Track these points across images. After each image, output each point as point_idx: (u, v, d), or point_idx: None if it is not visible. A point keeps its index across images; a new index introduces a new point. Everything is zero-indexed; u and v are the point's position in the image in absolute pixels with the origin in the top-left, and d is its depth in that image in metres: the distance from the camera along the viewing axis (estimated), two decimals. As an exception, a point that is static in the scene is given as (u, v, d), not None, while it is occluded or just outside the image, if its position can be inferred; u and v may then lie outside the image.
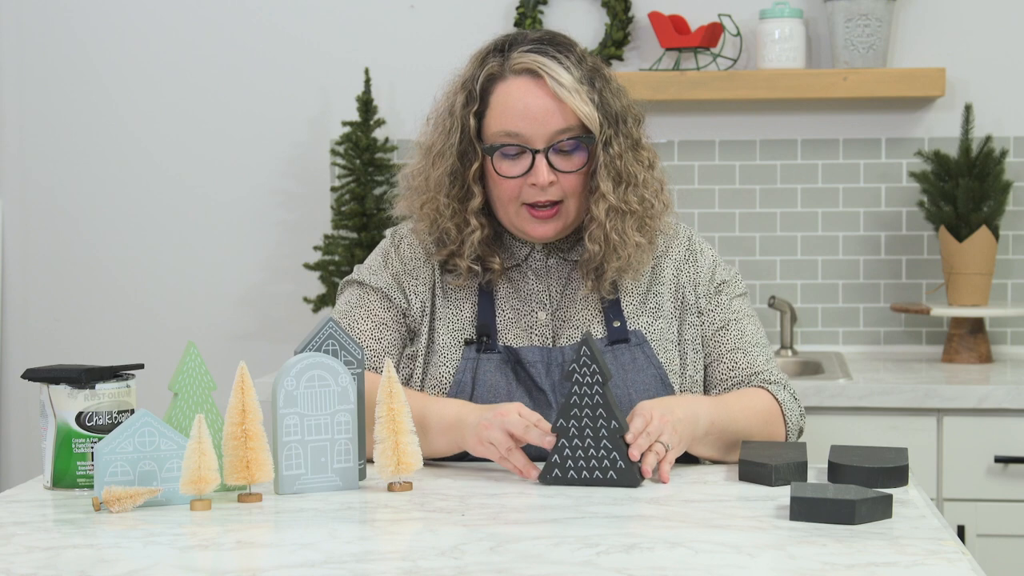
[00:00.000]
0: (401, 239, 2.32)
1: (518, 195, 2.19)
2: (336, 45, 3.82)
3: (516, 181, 2.18)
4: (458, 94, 2.22)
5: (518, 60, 2.18)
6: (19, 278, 3.93)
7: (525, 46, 2.20)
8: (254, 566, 1.58)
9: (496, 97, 2.19)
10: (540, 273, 2.27)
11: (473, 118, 2.20)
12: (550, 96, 2.16)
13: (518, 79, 2.18)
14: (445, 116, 2.24)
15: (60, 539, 1.70)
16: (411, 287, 2.27)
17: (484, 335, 2.22)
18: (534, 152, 2.16)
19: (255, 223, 3.87)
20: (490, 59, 2.21)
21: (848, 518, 1.72)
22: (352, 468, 1.95)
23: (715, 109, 3.70)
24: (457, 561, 1.56)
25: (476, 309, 2.25)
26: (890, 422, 3.12)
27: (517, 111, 2.16)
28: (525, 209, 2.20)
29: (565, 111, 2.16)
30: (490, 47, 2.24)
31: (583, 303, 2.25)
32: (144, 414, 1.85)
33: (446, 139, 2.22)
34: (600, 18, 3.75)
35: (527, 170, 2.17)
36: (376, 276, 2.28)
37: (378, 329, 2.24)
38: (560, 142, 2.17)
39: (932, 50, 3.67)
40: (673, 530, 1.71)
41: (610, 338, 2.22)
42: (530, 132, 2.16)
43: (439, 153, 2.22)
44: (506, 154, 2.18)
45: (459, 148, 2.20)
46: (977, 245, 3.48)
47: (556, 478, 1.96)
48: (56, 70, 3.90)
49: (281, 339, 3.82)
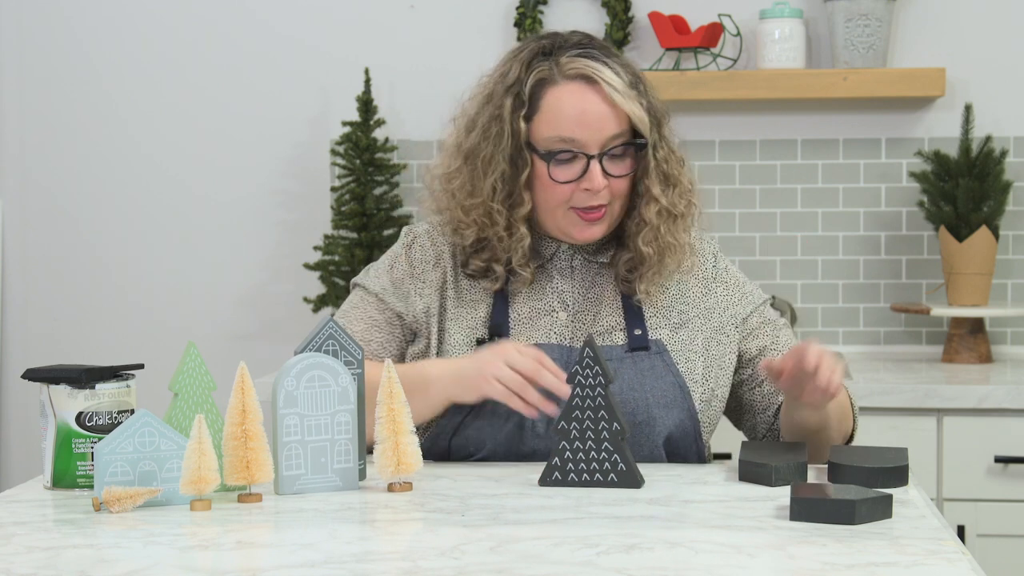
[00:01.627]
0: (413, 240, 2.31)
1: (568, 199, 2.18)
2: (336, 45, 3.82)
3: (568, 186, 2.17)
4: (503, 98, 2.19)
5: (570, 65, 2.17)
6: (19, 278, 3.93)
7: (572, 50, 2.19)
8: (254, 566, 1.58)
9: (547, 102, 2.17)
10: (564, 273, 2.27)
11: (523, 122, 2.18)
12: (605, 102, 2.16)
13: (571, 84, 2.17)
14: (488, 121, 2.20)
15: (60, 539, 1.70)
16: (416, 290, 2.26)
17: (496, 335, 2.21)
18: (589, 157, 2.16)
19: (255, 223, 3.87)
20: (538, 62, 2.19)
21: (848, 518, 1.72)
22: (352, 468, 1.95)
23: (715, 109, 3.70)
24: (457, 561, 1.56)
25: (490, 310, 2.24)
26: (890, 422, 3.12)
27: (572, 117, 2.15)
28: (574, 212, 2.19)
29: (619, 116, 2.16)
30: (534, 49, 2.21)
31: (608, 308, 2.25)
32: (144, 414, 1.85)
33: (496, 145, 2.19)
34: (600, 18, 3.75)
35: (580, 175, 2.16)
36: (376, 280, 2.29)
37: (369, 331, 2.26)
38: (613, 147, 2.17)
39: (932, 50, 3.67)
40: (673, 530, 1.71)
41: (630, 345, 2.21)
42: (585, 138, 2.15)
43: (487, 159, 2.20)
44: (560, 160, 2.17)
45: (510, 154, 2.18)
46: (977, 245, 3.48)
47: (556, 480, 1.96)
48: (56, 70, 3.90)
49: (281, 339, 3.82)
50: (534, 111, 2.18)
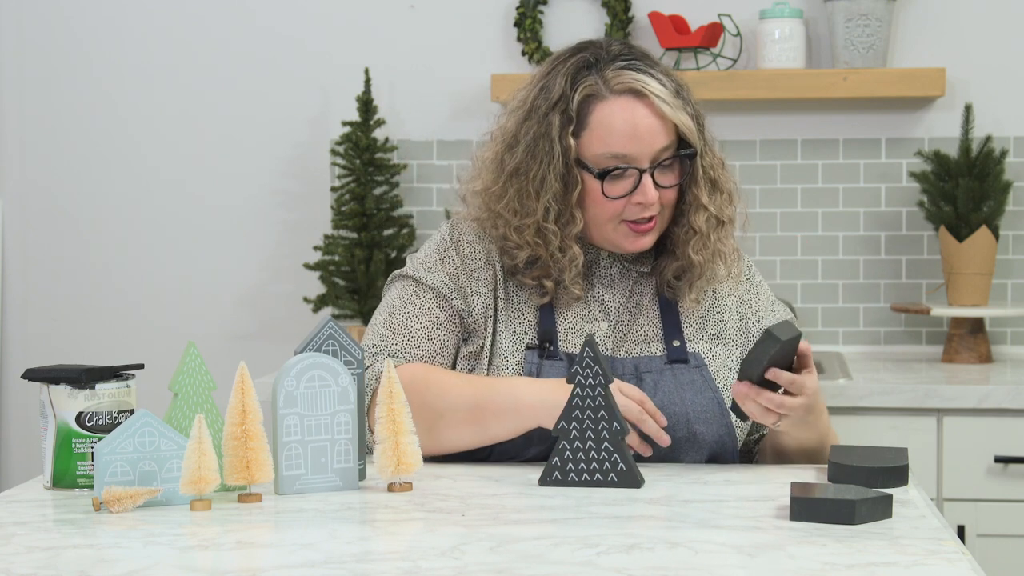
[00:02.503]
0: (460, 236, 2.25)
1: (620, 213, 2.16)
2: (336, 46, 3.82)
3: (620, 201, 2.15)
4: (551, 115, 2.16)
5: (617, 79, 2.14)
6: (19, 278, 3.93)
7: (617, 62, 2.16)
8: (254, 566, 1.58)
9: (597, 118, 2.14)
10: (605, 282, 2.25)
11: (572, 138, 2.15)
12: (655, 115, 2.14)
13: (620, 99, 2.14)
14: (536, 139, 2.16)
15: (60, 539, 1.70)
16: (472, 288, 2.22)
17: (547, 341, 2.19)
18: (640, 171, 2.14)
19: (255, 223, 3.87)
20: (583, 77, 2.16)
21: (848, 518, 1.72)
22: (352, 468, 1.95)
23: (715, 109, 3.70)
24: (457, 561, 1.56)
25: (538, 315, 2.21)
26: (890, 422, 3.12)
27: (624, 133, 2.13)
28: (625, 225, 2.17)
29: (668, 128, 2.15)
30: (578, 63, 2.17)
31: (645, 318, 2.23)
32: (144, 414, 1.85)
33: (547, 164, 2.15)
34: (600, 18, 3.75)
35: (632, 189, 2.14)
36: (432, 274, 2.23)
37: (432, 328, 2.20)
38: (665, 160, 2.16)
39: (932, 50, 3.67)
40: (673, 530, 1.71)
41: (669, 357, 2.20)
42: (637, 152, 2.13)
43: (538, 178, 2.16)
44: (612, 176, 2.15)
45: (562, 172, 2.15)
46: (977, 245, 3.48)
47: (556, 480, 1.96)
48: (56, 71, 3.90)
49: (281, 339, 3.82)
50: (582, 127, 2.15)
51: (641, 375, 2.18)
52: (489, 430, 2.08)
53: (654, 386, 2.17)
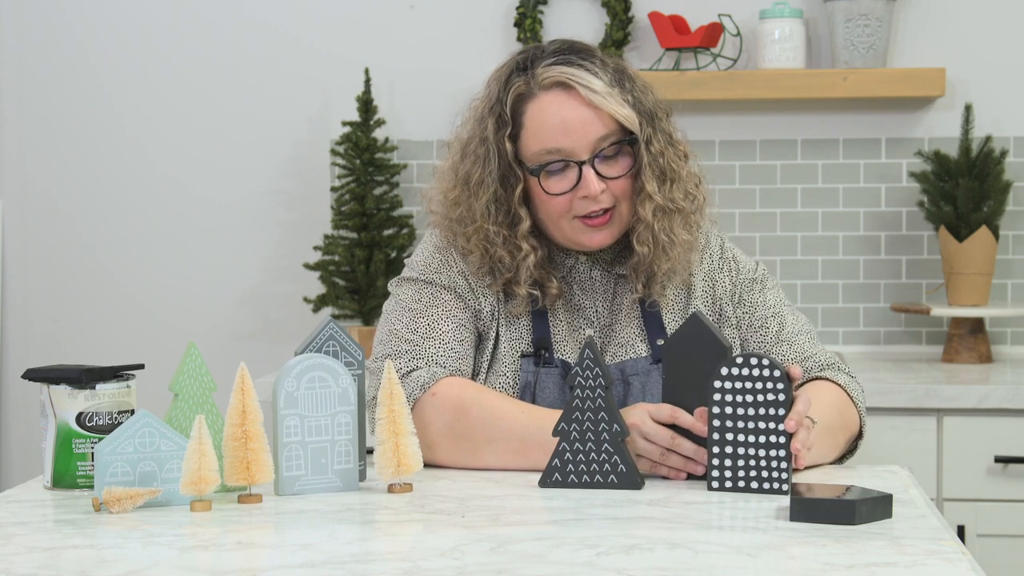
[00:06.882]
0: (456, 238, 2.25)
1: (569, 209, 2.16)
2: (336, 45, 3.82)
3: (566, 196, 2.15)
4: (487, 119, 2.18)
5: (545, 75, 2.15)
6: (19, 278, 3.93)
7: (547, 60, 2.16)
8: (254, 567, 1.58)
9: (529, 116, 2.15)
10: (586, 287, 2.25)
11: (508, 141, 2.16)
12: (585, 105, 2.13)
13: (548, 94, 2.14)
14: (477, 144, 2.19)
15: (60, 539, 1.70)
16: (479, 289, 2.22)
17: (542, 349, 2.19)
18: (580, 164, 2.14)
19: (255, 223, 3.87)
20: (514, 79, 2.17)
21: (848, 518, 1.72)
22: (352, 469, 1.95)
23: (715, 109, 3.70)
24: (457, 562, 1.56)
25: (531, 322, 2.21)
26: (890, 422, 3.12)
27: (555, 126, 2.13)
28: (579, 221, 2.16)
29: (603, 117, 2.14)
30: (510, 66, 2.19)
31: (627, 320, 2.23)
32: (144, 415, 1.85)
33: (484, 167, 2.17)
34: (600, 18, 3.75)
35: (575, 183, 2.14)
36: (442, 275, 2.22)
37: (459, 329, 2.19)
38: (603, 149, 2.14)
39: (932, 50, 3.67)
40: (673, 531, 1.71)
41: (655, 356, 2.20)
42: (572, 145, 2.13)
43: (479, 182, 2.17)
44: (551, 171, 2.15)
45: (499, 174, 2.16)
46: (977, 245, 3.48)
47: (556, 481, 1.96)
48: (56, 70, 3.90)
49: (281, 339, 3.82)
50: (519, 128, 2.17)
51: (628, 379, 2.18)
52: (534, 462, 2.05)
53: (642, 389, 2.17)
